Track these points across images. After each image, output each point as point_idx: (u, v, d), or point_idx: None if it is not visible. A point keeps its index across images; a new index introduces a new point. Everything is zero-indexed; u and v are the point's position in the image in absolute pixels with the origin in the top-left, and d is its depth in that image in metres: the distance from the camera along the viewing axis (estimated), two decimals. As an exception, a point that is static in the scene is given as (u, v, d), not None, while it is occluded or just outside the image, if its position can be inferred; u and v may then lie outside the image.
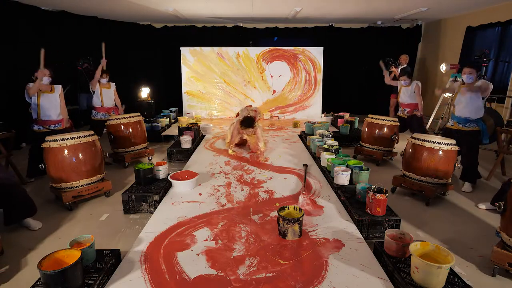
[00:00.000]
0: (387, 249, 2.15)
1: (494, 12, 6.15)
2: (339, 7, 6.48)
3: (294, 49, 7.62)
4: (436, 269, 1.76)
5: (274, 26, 8.78)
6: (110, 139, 4.36)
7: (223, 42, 8.15)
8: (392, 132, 4.44)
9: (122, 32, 8.05)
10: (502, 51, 6.11)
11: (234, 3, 6.03)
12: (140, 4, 6.02)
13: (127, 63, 8.08)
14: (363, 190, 2.81)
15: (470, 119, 3.58)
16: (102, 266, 2.05)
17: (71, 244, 2.06)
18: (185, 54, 7.59)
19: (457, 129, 3.67)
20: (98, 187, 3.33)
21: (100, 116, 5.04)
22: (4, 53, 5.28)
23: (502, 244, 2.17)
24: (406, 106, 5.05)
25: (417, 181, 3.29)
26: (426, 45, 8.75)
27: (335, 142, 4.46)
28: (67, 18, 6.59)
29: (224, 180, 3.62)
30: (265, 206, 2.95)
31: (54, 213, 3.08)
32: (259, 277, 1.97)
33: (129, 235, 2.65)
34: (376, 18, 7.85)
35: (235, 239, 2.39)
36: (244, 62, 7.65)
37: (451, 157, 3.19)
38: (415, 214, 3.07)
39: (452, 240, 2.63)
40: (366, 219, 2.57)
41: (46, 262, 1.81)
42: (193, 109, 7.78)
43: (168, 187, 3.34)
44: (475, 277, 2.17)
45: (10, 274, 2.21)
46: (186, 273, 2.00)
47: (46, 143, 3.11)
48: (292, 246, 2.30)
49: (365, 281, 1.94)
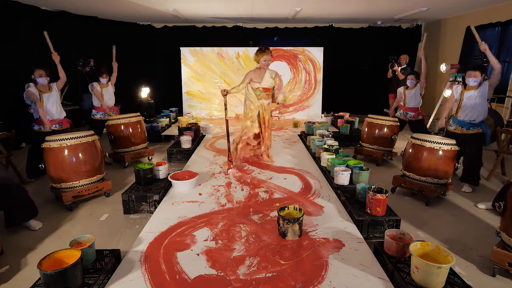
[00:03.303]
0: (387, 249, 2.15)
1: (494, 12, 6.15)
2: (339, 7, 6.47)
3: (294, 49, 7.62)
4: (436, 269, 1.76)
5: (274, 26, 8.77)
6: (110, 139, 4.36)
7: (223, 42, 8.15)
8: (392, 132, 4.44)
9: (122, 32, 8.05)
10: (502, 51, 6.10)
11: (234, 3, 6.03)
12: (140, 4, 6.02)
13: (127, 63, 8.07)
14: (363, 190, 2.81)
15: (474, 123, 3.51)
16: (102, 266, 2.05)
17: (71, 244, 2.06)
18: (185, 54, 7.59)
19: (461, 133, 3.58)
20: (98, 187, 3.33)
21: (100, 116, 5.05)
22: (4, 53, 5.28)
23: (502, 244, 2.17)
24: (410, 110, 4.98)
25: (417, 181, 3.29)
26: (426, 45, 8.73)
27: (335, 142, 4.46)
28: (67, 18, 6.59)
29: (224, 180, 3.62)
30: (265, 206, 2.95)
31: (54, 213, 3.08)
32: (259, 277, 1.97)
33: (129, 235, 2.64)
34: (376, 18, 7.85)
35: (235, 239, 2.39)
36: (244, 62, 7.64)
37: (451, 157, 3.19)
38: (415, 214, 3.07)
39: (452, 240, 2.63)
40: (366, 219, 2.57)
41: (46, 262, 1.81)
42: (193, 109, 7.78)
43: (168, 187, 3.34)
44: (475, 277, 2.17)
45: (10, 274, 2.21)
46: (186, 273, 2.00)
47: (46, 143, 3.11)
48: (292, 246, 2.30)
49: (365, 281, 1.94)
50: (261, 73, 3.87)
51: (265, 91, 3.93)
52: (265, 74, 3.86)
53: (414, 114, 4.97)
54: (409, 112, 4.99)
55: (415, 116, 4.98)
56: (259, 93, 3.92)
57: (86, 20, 7.09)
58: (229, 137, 4.02)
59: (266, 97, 3.98)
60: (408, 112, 5.00)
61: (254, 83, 3.90)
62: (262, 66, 3.83)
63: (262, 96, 3.94)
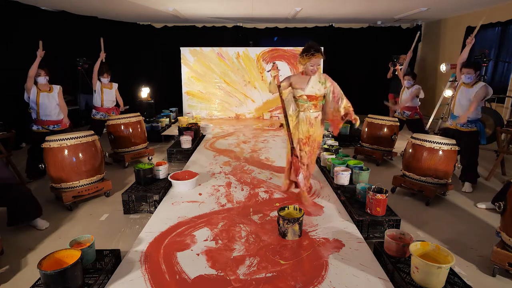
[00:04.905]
0: (387, 249, 2.15)
1: (494, 12, 6.15)
2: (339, 7, 6.47)
3: (294, 49, 7.62)
4: (436, 269, 1.76)
5: (274, 26, 8.77)
6: (110, 139, 4.36)
7: (223, 42, 8.14)
8: (392, 132, 4.44)
9: (122, 32, 8.04)
10: (502, 51, 6.11)
11: (234, 3, 6.02)
12: (140, 4, 6.02)
13: (127, 63, 8.08)
14: (363, 190, 2.81)
15: (468, 120, 3.55)
16: (102, 266, 2.05)
17: (71, 244, 2.06)
18: (185, 54, 7.58)
19: (456, 129, 3.65)
20: (98, 187, 3.33)
21: (100, 116, 5.04)
22: (4, 53, 5.28)
23: (502, 244, 2.17)
24: (406, 109, 5.04)
25: (417, 181, 3.29)
26: (426, 45, 8.74)
27: (335, 142, 4.46)
28: (67, 18, 6.59)
29: (224, 180, 3.62)
30: (265, 206, 2.95)
31: (54, 213, 3.08)
32: (259, 277, 1.97)
33: (129, 235, 2.64)
34: (376, 18, 7.85)
35: (235, 239, 2.39)
36: (244, 62, 7.64)
37: (451, 157, 3.19)
38: (415, 214, 3.07)
39: (452, 240, 2.63)
40: (366, 219, 2.57)
41: (46, 262, 1.81)
42: (193, 109, 7.78)
43: (168, 187, 3.34)
44: (475, 277, 2.17)
45: (10, 274, 2.21)
46: (186, 273, 2.00)
47: (46, 143, 3.11)
48: (292, 246, 2.30)
49: (365, 281, 1.94)
50: (305, 78, 2.96)
51: (311, 99, 2.96)
52: (311, 79, 2.94)
53: (411, 113, 5.03)
54: (406, 111, 5.06)
55: (411, 115, 5.02)
56: (302, 102, 2.99)
57: (86, 20, 7.09)
58: (288, 123, 3.00)
59: (313, 108, 2.99)
60: (405, 111, 5.08)
61: (296, 90, 3.00)
62: (308, 72, 2.91)
63: (307, 107, 2.99)
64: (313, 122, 3.01)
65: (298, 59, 2.93)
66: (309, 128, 3.01)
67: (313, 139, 3.05)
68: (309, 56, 2.81)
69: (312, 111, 3.00)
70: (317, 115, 3.02)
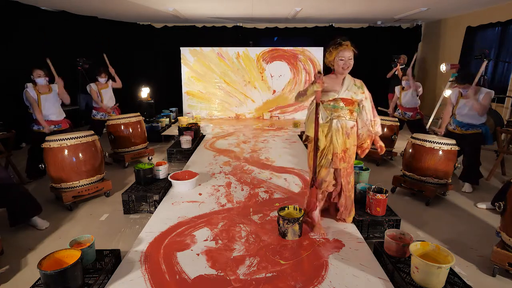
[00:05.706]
0: (387, 249, 2.15)
1: (494, 12, 6.15)
2: (339, 7, 6.47)
3: (294, 49, 7.62)
4: (436, 269, 1.76)
5: (274, 26, 8.77)
6: (110, 139, 4.36)
7: (223, 42, 8.14)
8: (392, 132, 4.44)
9: (122, 32, 8.05)
10: (502, 51, 6.11)
11: (234, 3, 6.03)
12: (140, 4, 6.02)
13: (127, 63, 8.07)
14: (363, 190, 2.81)
15: (473, 124, 3.60)
16: (102, 266, 2.05)
17: (71, 244, 2.06)
18: (185, 54, 7.58)
19: (460, 133, 3.65)
20: (98, 187, 3.33)
21: (100, 116, 5.05)
22: (4, 53, 5.28)
23: (502, 244, 2.17)
24: (408, 110, 5.03)
25: (417, 181, 3.29)
26: (426, 45, 8.75)
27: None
28: (67, 18, 6.59)
29: (224, 180, 3.62)
30: (265, 206, 2.95)
31: (54, 213, 3.08)
32: (259, 277, 1.97)
33: (129, 235, 2.65)
34: (376, 18, 7.85)
35: (235, 239, 2.39)
36: (244, 62, 7.64)
37: (451, 157, 3.19)
38: (415, 214, 3.07)
39: (452, 240, 2.63)
40: (366, 219, 2.57)
41: (46, 262, 1.81)
42: (193, 109, 7.78)
43: (168, 187, 3.34)
44: (475, 277, 2.17)
45: (10, 274, 2.21)
46: (186, 273, 2.00)
47: (46, 143, 3.11)
48: (292, 246, 2.30)
49: (365, 281, 1.94)
50: (337, 79, 2.43)
51: (347, 104, 2.40)
52: (345, 80, 2.43)
53: (412, 113, 5.03)
54: (407, 112, 5.06)
55: (413, 116, 5.02)
56: (335, 107, 2.40)
57: (86, 20, 7.09)
58: (317, 148, 2.44)
59: (349, 115, 2.42)
60: (406, 112, 5.07)
61: (327, 94, 2.40)
62: (339, 70, 2.37)
63: (341, 113, 2.40)
64: (350, 132, 2.43)
65: (325, 57, 2.43)
66: (346, 140, 2.42)
67: (350, 154, 2.46)
68: (336, 47, 2.31)
69: (349, 118, 2.41)
70: (353, 124, 2.45)
